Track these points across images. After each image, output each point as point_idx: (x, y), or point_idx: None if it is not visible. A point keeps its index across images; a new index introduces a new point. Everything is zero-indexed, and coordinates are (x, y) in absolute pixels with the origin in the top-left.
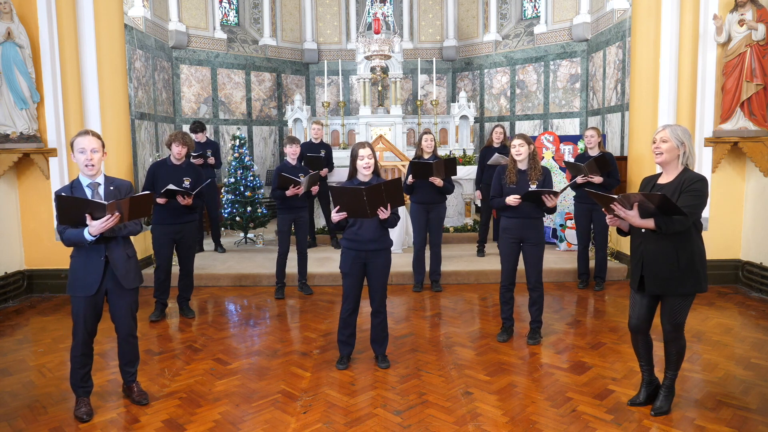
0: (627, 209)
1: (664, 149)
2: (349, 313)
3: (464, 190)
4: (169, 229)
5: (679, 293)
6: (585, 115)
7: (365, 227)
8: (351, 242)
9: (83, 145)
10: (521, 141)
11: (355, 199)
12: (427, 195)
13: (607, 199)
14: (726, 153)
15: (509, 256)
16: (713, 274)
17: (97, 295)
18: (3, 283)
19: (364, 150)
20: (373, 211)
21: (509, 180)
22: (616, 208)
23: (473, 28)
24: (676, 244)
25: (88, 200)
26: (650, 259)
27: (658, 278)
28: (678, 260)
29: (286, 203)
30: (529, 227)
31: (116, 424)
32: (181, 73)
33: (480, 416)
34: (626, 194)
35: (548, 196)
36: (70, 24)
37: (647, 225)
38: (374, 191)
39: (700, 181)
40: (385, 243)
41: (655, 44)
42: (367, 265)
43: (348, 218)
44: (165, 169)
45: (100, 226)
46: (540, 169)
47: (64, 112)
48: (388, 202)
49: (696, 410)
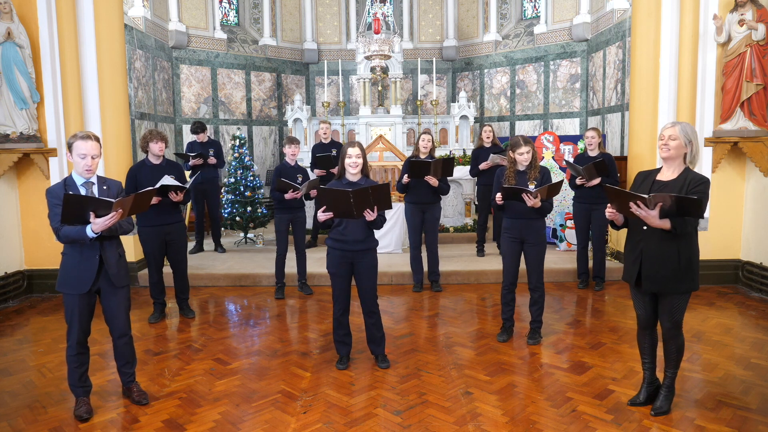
0: (650, 209)
1: (672, 146)
2: (341, 313)
3: (464, 190)
4: (157, 230)
5: (677, 291)
6: (585, 115)
7: (351, 227)
8: (337, 242)
9: (85, 150)
10: (528, 148)
11: (342, 201)
12: (422, 195)
13: (630, 196)
14: (726, 153)
15: (511, 256)
16: (713, 274)
17: (90, 294)
18: (3, 283)
19: (353, 149)
20: (360, 212)
21: (508, 182)
22: (638, 207)
23: (473, 28)
24: (678, 244)
25: (96, 198)
26: (651, 257)
27: (658, 277)
28: (679, 260)
29: (284, 203)
30: (529, 227)
31: (116, 424)
32: (181, 73)
33: (480, 416)
34: (656, 194)
35: (527, 195)
36: (70, 24)
37: (663, 225)
38: (361, 194)
39: (704, 183)
40: (370, 243)
41: (655, 44)
42: (354, 265)
43: (334, 218)
44: (145, 171)
45: (104, 224)
46: (538, 168)
47: (64, 112)
48: (375, 205)
49: (696, 410)
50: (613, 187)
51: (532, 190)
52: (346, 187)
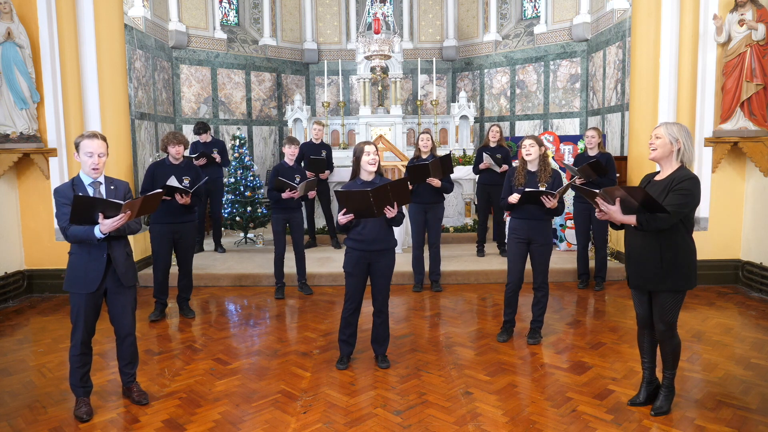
0: (609, 204)
1: (657, 144)
2: (351, 313)
3: (464, 190)
4: (167, 229)
5: (659, 289)
6: (585, 115)
7: (369, 227)
8: (356, 242)
9: (91, 149)
10: (532, 141)
11: (362, 201)
12: (426, 195)
13: (591, 193)
14: (726, 153)
15: (517, 256)
16: (713, 274)
17: (97, 293)
18: (3, 283)
19: (369, 146)
20: (380, 210)
21: (517, 182)
22: (600, 203)
23: (473, 28)
24: (660, 241)
25: (105, 200)
26: (634, 253)
27: (640, 273)
28: (662, 257)
29: (280, 203)
30: (536, 228)
31: (116, 424)
32: (181, 73)
33: (480, 416)
34: (609, 189)
35: (547, 197)
36: (70, 24)
37: (628, 221)
38: (380, 192)
39: (690, 179)
40: (389, 243)
41: (655, 44)
42: (371, 265)
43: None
44: (164, 169)
45: (112, 225)
46: (550, 171)
47: (64, 112)
48: (394, 201)
49: (696, 410)
50: (579, 186)
51: (554, 192)
52: (362, 187)
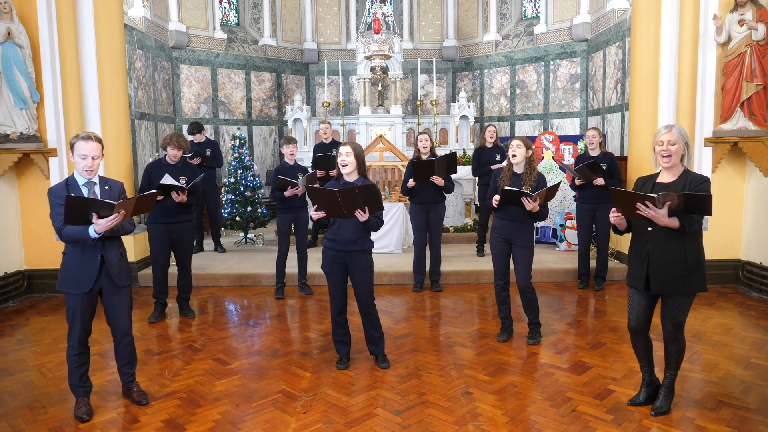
0: (659, 208)
1: (673, 151)
2: (338, 313)
3: (464, 190)
4: (164, 228)
5: (683, 293)
6: (585, 115)
7: (344, 228)
8: (330, 242)
9: (86, 151)
10: (519, 142)
11: (330, 200)
12: (427, 195)
13: (637, 197)
14: (726, 153)
15: (499, 255)
16: (713, 274)
17: (92, 293)
18: (3, 283)
19: (343, 148)
20: (350, 212)
21: (503, 182)
22: (646, 207)
23: (473, 28)
24: (685, 244)
25: (98, 200)
26: (658, 258)
27: (666, 278)
28: (686, 260)
29: (286, 203)
30: (516, 230)
31: (116, 424)
32: (181, 73)
33: (480, 416)
34: (665, 193)
35: (527, 199)
36: (70, 24)
37: (672, 224)
38: (348, 194)
39: (707, 181)
40: (364, 245)
41: (655, 44)
42: (348, 266)
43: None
44: (161, 169)
45: (106, 225)
46: (536, 175)
47: (64, 112)
48: (364, 206)
49: (696, 410)
50: (620, 189)
51: (533, 194)
52: (342, 187)
